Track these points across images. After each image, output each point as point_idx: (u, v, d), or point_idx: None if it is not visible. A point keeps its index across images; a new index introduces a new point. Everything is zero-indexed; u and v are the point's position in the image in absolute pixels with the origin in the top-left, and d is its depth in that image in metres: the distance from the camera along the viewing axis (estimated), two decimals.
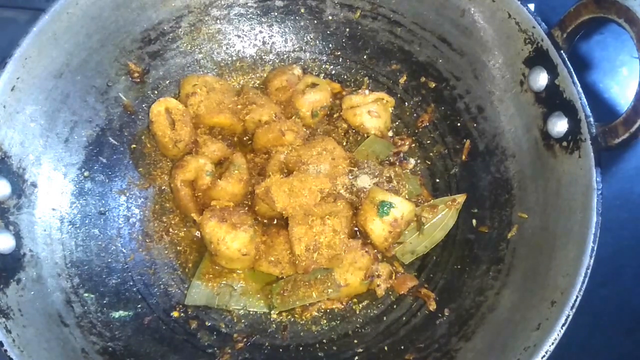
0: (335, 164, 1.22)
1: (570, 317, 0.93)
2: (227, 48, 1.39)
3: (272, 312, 1.22)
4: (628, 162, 1.40)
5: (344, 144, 1.35)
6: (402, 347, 1.16)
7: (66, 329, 1.07)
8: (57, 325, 1.06)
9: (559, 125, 1.07)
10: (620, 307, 1.30)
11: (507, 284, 1.12)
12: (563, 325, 0.93)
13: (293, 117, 1.31)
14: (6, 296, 0.99)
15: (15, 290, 1.02)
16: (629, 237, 1.33)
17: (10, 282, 1.02)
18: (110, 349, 1.10)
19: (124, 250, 1.24)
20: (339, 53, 1.41)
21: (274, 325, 1.22)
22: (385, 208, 1.18)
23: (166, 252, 1.27)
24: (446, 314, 1.17)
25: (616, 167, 1.39)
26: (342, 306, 1.23)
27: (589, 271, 0.95)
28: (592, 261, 0.95)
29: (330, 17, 1.38)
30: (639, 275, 1.32)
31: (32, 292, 1.05)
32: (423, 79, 1.35)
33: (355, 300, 1.24)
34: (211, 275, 1.22)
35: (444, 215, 1.26)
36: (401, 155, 1.34)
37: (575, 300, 0.94)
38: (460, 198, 1.26)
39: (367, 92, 1.35)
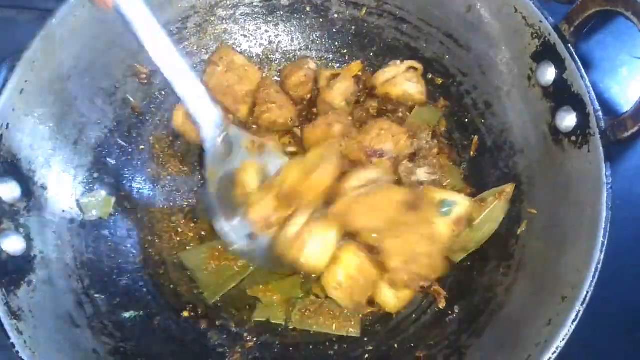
0: (396, 141, 1.21)
1: (581, 312, 0.93)
2: (233, 48, 1.39)
3: (288, 324, 1.21)
4: (628, 162, 1.39)
5: None
6: (412, 345, 1.16)
7: (77, 330, 1.08)
8: (69, 327, 1.07)
9: (568, 120, 1.06)
10: (620, 307, 1.29)
11: (517, 280, 1.11)
12: (574, 320, 0.92)
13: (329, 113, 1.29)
14: (17, 298, 1.00)
15: (26, 292, 1.03)
16: (629, 237, 1.32)
17: (21, 284, 1.02)
18: (121, 349, 1.11)
19: (134, 251, 1.25)
20: (345, 51, 1.40)
21: (283, 324, 1.22)
22: (447, 208, 1.14)
23: (175, 252, 1.27)
24: (456, 311, 1.16)
25: (616, 167, 1.36)
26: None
27: (599, 266, 0.94)
28: (602, 256, 0.94)
29: (336, 15, 1.37)
30: (639, 275, 1.31)
31: (43, 294, 1.06)
32: (430, 76, 1.34)
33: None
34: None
35: (493, 208, 1.20)
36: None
37: (586, 296, 0.93)
38: (509, 188, 1.19)
39: (397, 62, 1.32)
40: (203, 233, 1.28)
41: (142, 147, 1.32)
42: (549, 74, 1.10)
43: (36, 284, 1.05)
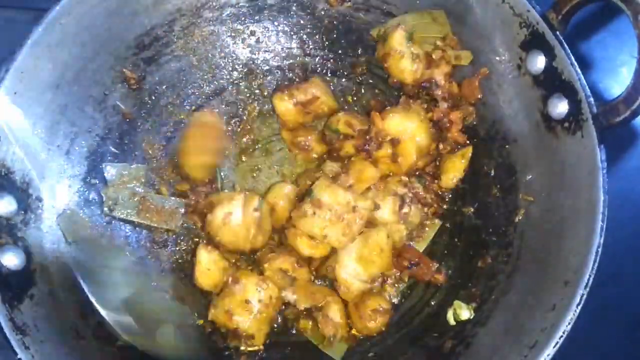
0: None
1: (585, 296, 0.94)
2: (221, 50, 1.38)
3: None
4: (628, 162, 1.40)
5: None
6: (418, 336, 1.17)
7: (83, 342, 1.07)
8: (74, 338, 1.06)
9: (560, 107, 1.08)
10: (620, 307, 1.31)
11: (518, 267, 1.13)
12: (578, 304, 0.94)
13: None
14: (21, 313, 0.99)
15: (30, 306, 1.02)
16: (629, 237, 1.33)
17: (24, 298, 1.01)
18: (128, 358, 1.10)
19: (133, 259, 1.24)
20: (334, 47, 1.40)
21: (289, 324, 1.22)
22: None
23: (175, 257, 1.27)
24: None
25: (616, 167, 1.38)
26: None
27: (599, 250, 0.96)
28: (602, 240, 0.96)
29: (322, 13, 1.37)
30: (639, 275, 1.32)
31: (46, 307, 1.05)
32: None
33: None
34: None
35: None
36: None
37: (589, 280, 0.95)
38: None
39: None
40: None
41: (136, 153, 1.30)
42: (538, 62, 1.11)
43: (39, 298, 1.04)
